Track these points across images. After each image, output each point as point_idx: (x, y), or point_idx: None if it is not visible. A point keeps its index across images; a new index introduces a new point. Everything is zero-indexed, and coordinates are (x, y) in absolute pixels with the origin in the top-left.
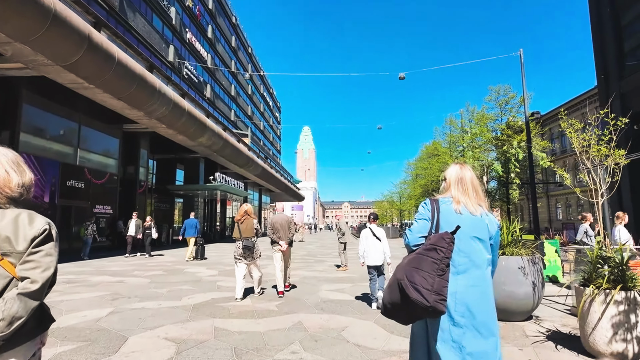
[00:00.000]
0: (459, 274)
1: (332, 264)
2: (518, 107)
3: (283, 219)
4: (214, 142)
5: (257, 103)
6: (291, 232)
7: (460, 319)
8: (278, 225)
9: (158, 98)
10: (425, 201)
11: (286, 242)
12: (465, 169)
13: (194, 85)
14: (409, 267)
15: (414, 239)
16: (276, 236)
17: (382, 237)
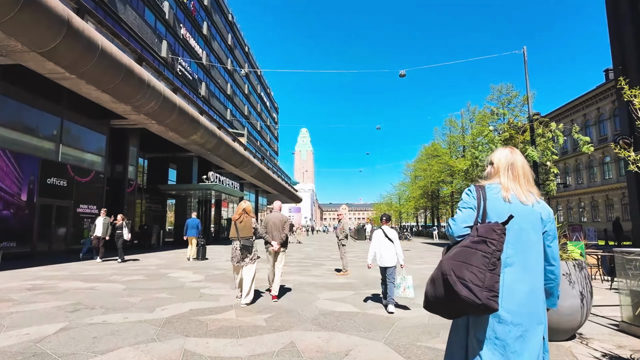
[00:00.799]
0: (507, 267)
1: (331, 267)
2: (521, 106)
3: (277, 218)
4: (207, 140)
5: (254, 103)
6: (284, 232)
7: (507, 315)
8: (271, 224)
9: (147, 92)
10: (470, 188)
11: (278, 242)
12: (516, 153)
13: (188, 82)
14: (455, 261)
15: (459, 229)
16: (269, 236)
17: (394, 239)
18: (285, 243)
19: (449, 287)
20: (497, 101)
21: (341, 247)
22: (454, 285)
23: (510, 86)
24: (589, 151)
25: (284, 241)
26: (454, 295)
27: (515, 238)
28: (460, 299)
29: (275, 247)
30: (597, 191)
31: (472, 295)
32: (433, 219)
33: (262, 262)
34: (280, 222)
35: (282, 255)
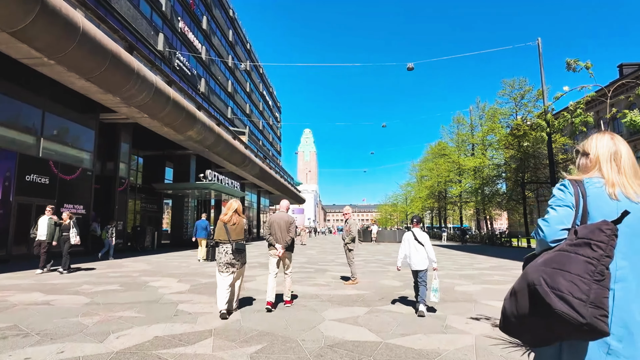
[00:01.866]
0: (617, 282)
1: (336, 274)
2: (535, 101)
3: (282, 218)
4: (205, 136)
5: (256, 101)
6: (290, 234)
7: (618, 345)
8: (275, 225)
9: (136, 82)
10: (564, 182)
11: (283, 245)
12: (619, 140)
13: (187, 77)
14: (548, 268)
15: (553, 233)
16: (272, 238)
17: (425, 241)
18: (291, 246)
19: (539, 301)
20: (509, 96)
21: (348, 253)
22: (545, 297)
23: (523, 80)
24: None
25: (290, 244)
26: (545, 310)
27: (628, 245)
28: (554, 314)
29: (279, 251)
30: None
31: (571, 311)
32: (440, 220)
33: (255, 269)
34: (285, 223)
35: (289, 260)
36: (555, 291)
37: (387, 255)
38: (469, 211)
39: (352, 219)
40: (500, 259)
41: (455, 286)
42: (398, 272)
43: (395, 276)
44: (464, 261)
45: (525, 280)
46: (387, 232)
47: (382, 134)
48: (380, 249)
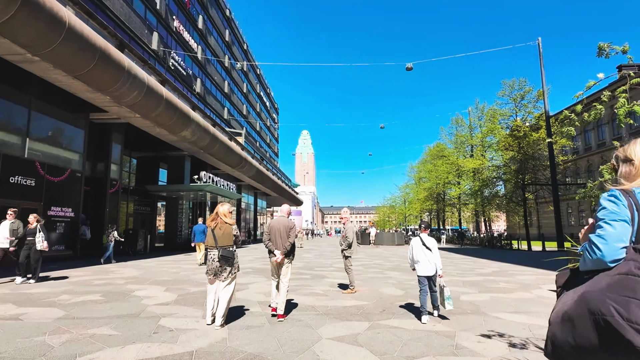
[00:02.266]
0: None
1: (334, 281)
2: (535, 102)
3: (281, 223)
4: (199, 137)
5: (253, 102)
6: (290, 240)
7: None
8: (275, 230)
9: (127, 80)
10: (614, 193)
11: (282, 252)
12: None
13: (182, 77)
14: (618, 296)
15: (613, 252)
16: (272, 244)
17: (432, 247)
18: (291, 252)
19: (610, 334)
20: (509, 97)
21: (345, 260)
22: (622, 331)
23: (523, 81)
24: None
25: (290, 250)
26: (619, 345)
27: None
28: (634, 351)
29: (278, 257)
30: None
31: None
32: (438, 221)
33: (249, 276)
34: (285, 228)
35: (287, 267)
36: (633, 325)
37: (386, 260)
38: (467, 213)
39: (350, 222)
40: (502, 263)
41: (461, 295)
42: (400, 279)
43: (396, 284)
44: (466, 266)
45: (585, 306)
46: (386, 234)
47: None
48: (378, 253)
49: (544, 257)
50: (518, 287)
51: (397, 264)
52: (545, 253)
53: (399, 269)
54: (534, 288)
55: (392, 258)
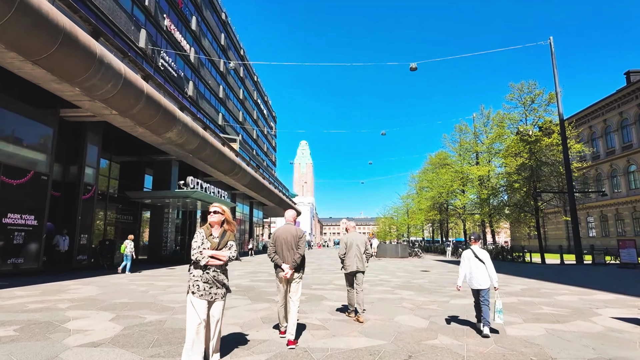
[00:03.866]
0: None
1: (334, 305)
2: (545, 105)
3: (289, 232)
4: (187, 139)
5: (250, 110)
6: (300, 251)
7: None
8: (281, 241)
9: (99, 69)
10: None
11: (291, 265)
12: None
13: (172, 79)
14: None
15: None
16: (278, 257)
17: (485, 259)
18: (301, 266)
19: None
20: (518, 101)
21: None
22: None
23: (533, 83)
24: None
25: (300, 263)
26: None
27: None
28: None
29: (287, 273)
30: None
31: None
32: (441, 233)
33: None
34: (293, 238)
35: (297, 284)
36: None
37: (393, 275)
38: (468, 224)
39: (354, 232)
40: (525, 279)
41: (506, 326)
42: (416, 301)
43: (414, 308)
44: None
45: None
46: (389, 246)
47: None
48: (383, 267)
49: (566, 271)
50: (570, 313)
51: (407, 281)
52: (565, 267)
53: (410, 287)
54: (592, 315)
55: (399, 273)
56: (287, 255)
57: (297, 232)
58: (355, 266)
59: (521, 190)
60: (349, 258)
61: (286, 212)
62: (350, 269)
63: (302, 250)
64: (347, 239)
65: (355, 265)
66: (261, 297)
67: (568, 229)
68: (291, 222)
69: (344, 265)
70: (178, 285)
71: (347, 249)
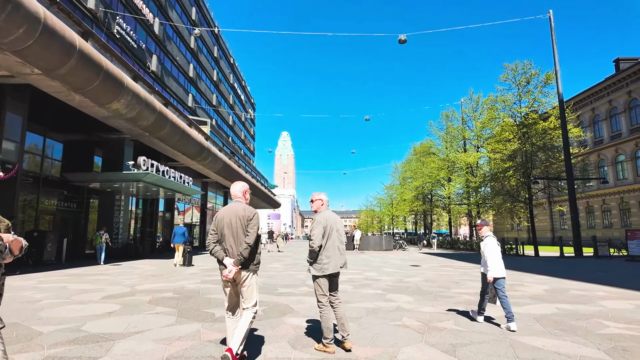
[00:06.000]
0: None
1: (302, 323)
2: (541, 87)
3: (234, 213)
4: (140, 114)
5: (225, 93)
6: (250, 238)
7: None
8: (224, 225)
9: (3, 9)
10: None
11: (235, 261)
12: None
13: (131, 50)
14: None
15: None
16: (220, 248)
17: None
18: (249, 261)
19: None
20: (512, 82)
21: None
22: None
23: (528, 63)
24: None
25: (249, 257)
26: None
27: None
28: None
29: (230, 271)
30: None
31: None
32: (425, 224)
33: None
34: (240, 220)
35: (249, 286)
36: None
37: (380, 272)
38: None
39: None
40: (537, 275)
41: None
42: (419, 312)
43: (422, 329)
44: None
45: None
46: (373, 238)
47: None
48: (367, 261)
49: (576, 266)
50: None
51: (398, 279)
52: (568, 260)
53: (406, 289)
54: None
55: (387, 269)
56: (232, 246)
57: (246, 213)
58: (338, 264)
59: (514, 178)
60: (329, 251)
61: (232, 186)
62: (330, 269)
63: (252, 237)
64: (325, 220)
65: (338, 263)
66: (196, 312)
67: (552, 220)
68: (240, 198)
69: (320, 263)
70: (96, 290)
71: (326, 235)
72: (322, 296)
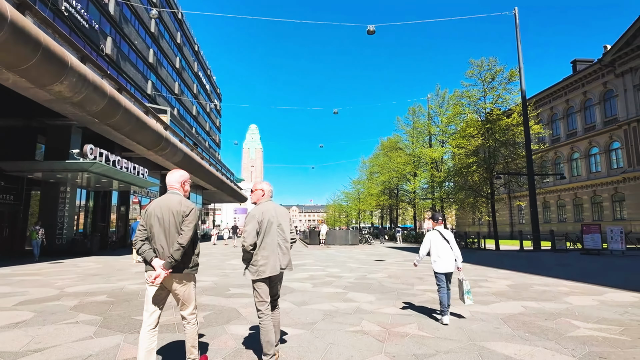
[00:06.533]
0: None
1: (242, 334)
2: (505, 84)
3: (167, 206)
4: (87, 98)
5: (189, 82)
6: (181, 240)
7: None
8: (155, 220)
9: None
10: None
11: (165, 264)
12: None
13: (81, 30)
14: None
15: None
16: (148, 247)
17: (451, 240)
18: (185, 262)
19: None
20: (478, 78)
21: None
22: None
23: (493, 60)
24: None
25: (183, 260)
26: None
27: None
28: None
29: (158, 275)
30: (582, 187)
31: None
32: (391, 218)
33: None
34: (173, 215)
35: (186, 292)
36: None
37: (343, 267)
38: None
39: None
40: (500, 270)
41: None
42: (385, 323)
43: (383, 337)
44: None
45: None
46: (338, 232)
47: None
48: (331, 256)
49: (536, 259)
50: (623, 331)
51: (362, 275)
52: (527, 254)
53: (368, 287)
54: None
55: (351, 264)
56: (164, 246)
57: (182, 207)
58: (279, 265)
59: (477, 173)
60: (266, 250)
61: (168, 174)
62: (268, 271)
63: (186, 236)
64: (260, 214)
65: (279, 264)
66: (124, 320)
67: (512, 215)
68: (176, 189)
69: (255, 264)
70: (16, 294)
71: (262, 232)
72: (261, 303)
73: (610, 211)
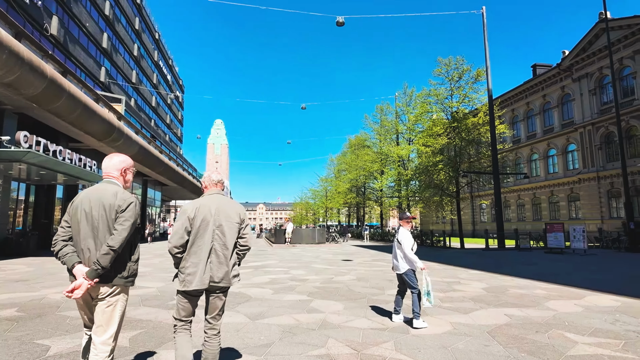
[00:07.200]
0: None
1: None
2: (472, 83)
3: (100, 199)
4: (22, 79)
5: (148, 71)
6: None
7: None
8: (83, 216)
9: None
10: None
11: (91, 271)
12: None
13: (21, 6)
14: None
15: None
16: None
17: (402, 241)
18: (117, 270)
19: None
20: (445, 76)
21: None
22: None
23: (460, 59)
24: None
25: (114, 267)
26: None
27: None
28: None
29: (79, 286)
30: (541, 187)
31: None
32: (358, 217)
33: None
34: (107, 210)
35: (109, 310)
36: None
37: (308, 268)
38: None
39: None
40: (470, 270)
41: None
42: (354, 342)
43: (350, 359)
44: (439, 280)
45: None
46: (305, 231)
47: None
48: (297, 255)
49: (502, 258)
50: (621, 345)
51: (328, 278)
52: (493, 252)
53: (336, 292)
54: None
55: (317, 265)
56: (90, 249)
57: (117, 200)
58: (207, 278)
59: (443, 172)
60: (198, 256)
61: (105, 159)
62: (195, 284)
63: (119, 237)
64: (194, 210)
65: (209, 275)
66: (21, 346)
67: (473, 213)
68: (114, 178)
69: (182, 272)
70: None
71: (194, 232)
72: (177, 321)
73: (566, 210)
